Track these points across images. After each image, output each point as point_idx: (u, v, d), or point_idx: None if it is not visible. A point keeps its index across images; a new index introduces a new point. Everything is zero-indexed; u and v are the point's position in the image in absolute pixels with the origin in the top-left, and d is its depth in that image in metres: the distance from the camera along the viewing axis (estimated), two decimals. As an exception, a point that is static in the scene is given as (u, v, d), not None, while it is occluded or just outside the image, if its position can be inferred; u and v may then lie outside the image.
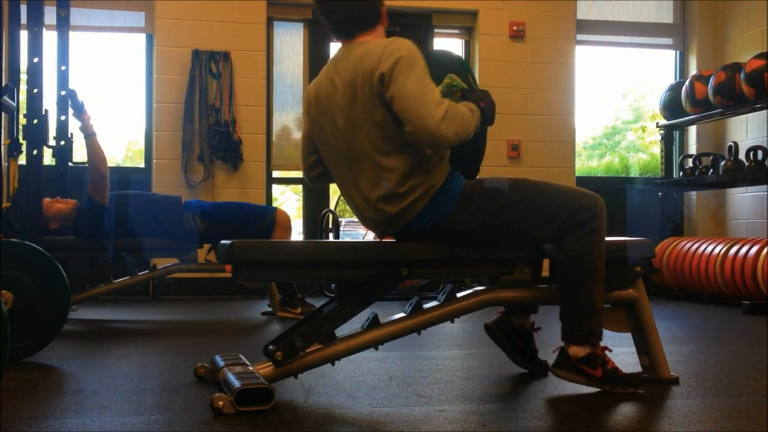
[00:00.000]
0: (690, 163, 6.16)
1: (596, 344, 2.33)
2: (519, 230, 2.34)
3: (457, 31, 6.47)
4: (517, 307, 2.62)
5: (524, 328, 2.64)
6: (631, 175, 6.99)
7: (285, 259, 2.24)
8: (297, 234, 6.12)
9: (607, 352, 2.36)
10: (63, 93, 4.58)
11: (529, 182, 2.41)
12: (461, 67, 2.46)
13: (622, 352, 3.04)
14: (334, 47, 6.28)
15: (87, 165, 4.21)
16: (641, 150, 7.54)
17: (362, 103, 2.23)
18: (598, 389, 2.33)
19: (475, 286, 2.47)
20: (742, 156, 5.65)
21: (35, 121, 3.58)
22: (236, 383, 2.07)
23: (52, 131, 4.42)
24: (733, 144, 5.69)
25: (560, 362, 2.35)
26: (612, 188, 6.59)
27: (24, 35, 3.78)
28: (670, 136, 6.46)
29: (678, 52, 6.81)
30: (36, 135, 3.58)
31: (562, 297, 2.36)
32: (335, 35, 2.41)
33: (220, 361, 2.41)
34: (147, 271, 4.62)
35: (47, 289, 2.86)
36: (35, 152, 3.57)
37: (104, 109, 6.40)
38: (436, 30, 6.42)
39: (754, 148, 5.52)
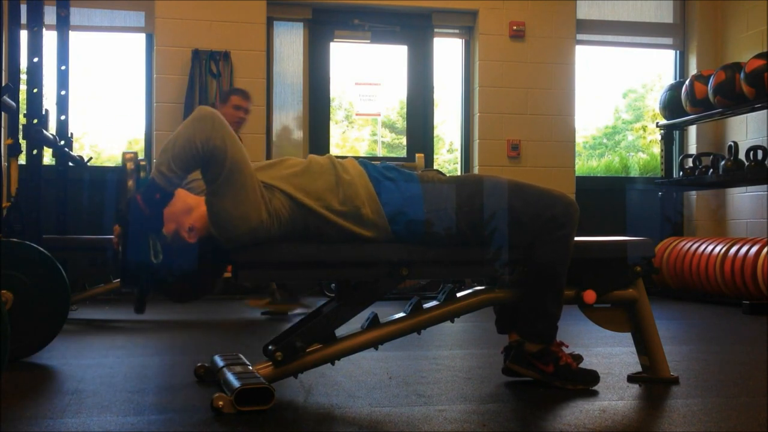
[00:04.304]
0: (690, 162, 6.16)
1: (549, 342, 2.40)
2: (492, 234, 2.34)
3: (457, 31, 6.47)
4: (504, 320, 2.61)
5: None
6: (631, 174, 6.99)
7: (285, 259, 2.24)
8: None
9: (563, 348, 2.43)
10: (63, 93, 4.58)
11: (508, 186, 2.39)
12: None
13: (622, 352, 3.05)
14: (334, 47, 6.33)
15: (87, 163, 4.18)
16: (641, 150, 7.54)
17: None
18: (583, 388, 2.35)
19: (475, 286, 2.48)
20: (742, 156, 5.65)
21: (35, 121, 3.57)
22: (236, 383, 2.07)
23: (52, 131, 4.42)
24: (733, 144, 5.69)
25: (516, 357, 2.44)
26: (612, 188, 6.61)
27: (24, 35, 3.78)
28: (670, 136, 6.46)
29: (678, 52, 6.81)
30: (36, 135, 3.58)
31: (521, 295, 2.41)
32: None
33: (219, 361, 2.41)
34: (147, 271, 4.61)
35: (47, 289, 2.86)
36: (35, 152, 3.57)
37: (104, 109, 6.41)
38: (436, 30, 6.42)
39: (754, 148, 5.52)
